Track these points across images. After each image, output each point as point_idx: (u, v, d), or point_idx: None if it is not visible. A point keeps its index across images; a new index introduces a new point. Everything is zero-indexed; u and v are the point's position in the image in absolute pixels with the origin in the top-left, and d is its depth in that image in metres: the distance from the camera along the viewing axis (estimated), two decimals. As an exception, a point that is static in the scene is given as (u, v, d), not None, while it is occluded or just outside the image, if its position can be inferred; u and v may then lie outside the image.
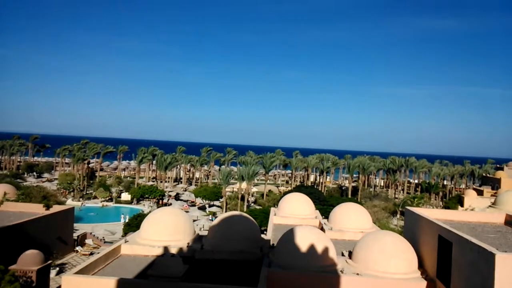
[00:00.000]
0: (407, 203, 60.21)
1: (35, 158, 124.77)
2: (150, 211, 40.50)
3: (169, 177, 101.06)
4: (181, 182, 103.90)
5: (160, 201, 71.17)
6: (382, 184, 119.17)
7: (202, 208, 70.57)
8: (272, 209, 30.95)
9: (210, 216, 62.00)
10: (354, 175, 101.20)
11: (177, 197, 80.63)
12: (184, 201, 77.16)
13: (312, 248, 16.31)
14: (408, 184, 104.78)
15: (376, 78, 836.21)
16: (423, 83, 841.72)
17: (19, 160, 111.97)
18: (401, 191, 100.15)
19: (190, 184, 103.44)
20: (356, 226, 23.73)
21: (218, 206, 70.08)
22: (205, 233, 21.57)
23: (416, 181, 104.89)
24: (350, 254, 17.66)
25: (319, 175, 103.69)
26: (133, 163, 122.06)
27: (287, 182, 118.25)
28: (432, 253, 15.76)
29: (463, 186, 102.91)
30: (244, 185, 71.08)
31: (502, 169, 74.79)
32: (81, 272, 15.43)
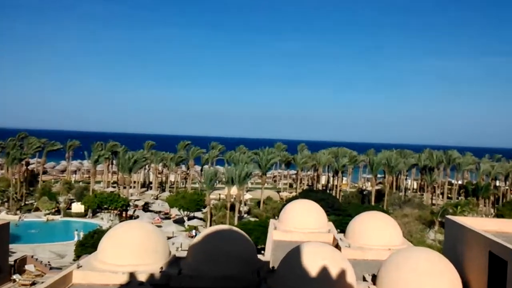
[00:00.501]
0: (448, 211, 60.97)
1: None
2: (110, 227, 41.45)
3: (135, 182, 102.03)
4: (151, 188, 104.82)
5: (124, 213, 71.74)
6: (415, 187, 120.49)
7: (179, 221, 71.12)
8: (272, 221, 31.27)
9: (192, 231, 62.67)
10: (379, 175, 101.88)
11: (146, 208, 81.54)
12: (156, 212, 77.99)
13: (324, 271, 16.39)
14: (449, 187, 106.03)
15: (404, 47, 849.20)
16: (469, 54, 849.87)
17: None
18: (440, 196, 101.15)
19: (163, 190, 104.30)
20: (382, 242, 23.90)
21: (200, 219, 70.71)
22: (184, 254, 21.64)
23: (459, 182, 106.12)
24: (374, 278, 17.85)
25: (333, 176, 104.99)
26: (86, 164, 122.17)
27: (290, 185, 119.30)
28: (481, 274, 15.95)
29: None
30: (234, 190, 71.87)
31: None
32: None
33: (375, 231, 24.05)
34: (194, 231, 62.73)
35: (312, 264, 16.50)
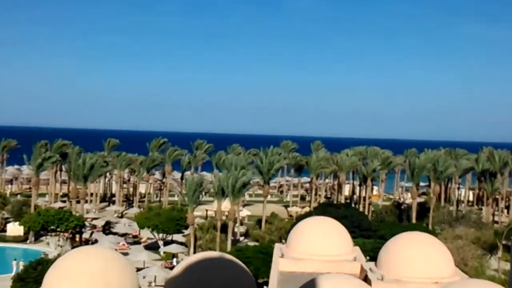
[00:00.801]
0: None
1: None
2: (59, 255, 40.52)
3: (92, 194, 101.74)
4: (114, 203, 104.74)
5: (77, 236, 71.68)
6: (470, 198, 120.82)
7: (153, 247, 71.18)
8: (277, 246, 30.99)
9: (170, 260, 62.52)
10: (422, 183, 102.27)
11: (107, 229, 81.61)
12: (121, 235, 77.92)
13: (349, 313, 16.42)
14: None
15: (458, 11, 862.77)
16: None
17: None
18: (505, 210, 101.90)
19: (130, 205, 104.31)
20: (426, 273, 23.64)
21: (180, 243, 70.84)
22: (159, 291, 21.62)
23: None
24: (417, 322, 17.43)
25: (360, 185, 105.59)
26: (27, 170, 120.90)
27: (302, 198, 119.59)
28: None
29: None
30: (226, 205, 72.44)
31: None
32: None
33: (417, 258, 23.77)
34: (173, 260, 62.53)
35: (332, 303, 16.64)
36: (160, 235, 73.73)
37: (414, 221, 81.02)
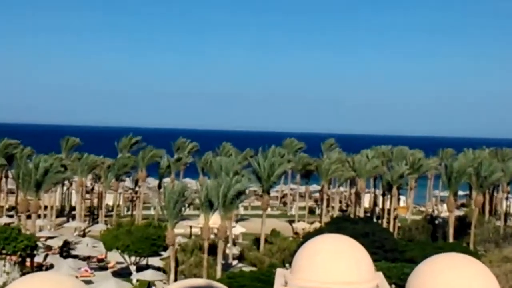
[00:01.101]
0: None
1: None
2: (5, 284, 42.35)
3: (46, 207, 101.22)
4: (74, 218, 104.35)
5: (28, 260, 70.89)
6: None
7: (123, 273, 71.76)
8: (280, 272, 30.46)
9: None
10: (461, 192, 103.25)
11: (66, 251, 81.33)
12: (83, 258, 77.94)
13: None
14: None
15: None
16: None
17: None
18: None
19: (95, 221, 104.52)
20: (469, 305, 24.01)
21: (158, 269, 71.06)
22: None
23: None
24: None
25: (383, 195, 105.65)
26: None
27: (311, 211, 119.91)
28: None
29: None
30: (215, 220, 72.45)
31: None
32: None
33: (455, 286, 23.72)
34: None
35: None
36: (132, 258, 73.43)
37: (451, 239, 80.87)
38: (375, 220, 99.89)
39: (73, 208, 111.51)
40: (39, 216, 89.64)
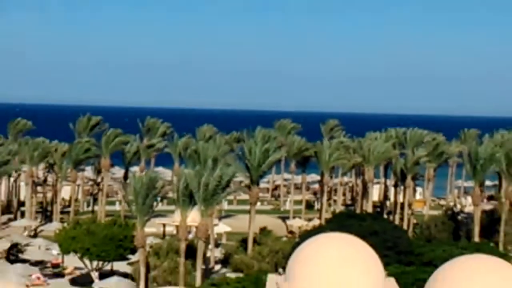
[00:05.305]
0: None
1: None
2: None
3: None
4: (24, 215, 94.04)
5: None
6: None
7: (83, 281, 65.92)
8: (272, 278, 29.63)
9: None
10: (488, 182, 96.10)
11: (13, 254, 74.83)
12: (34, 263, 71.00)
13: None
14: None
15: None
16: None
17: None
18: None
19: (48, 219, 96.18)
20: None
21: (125, 275, 64.59)
22: None
23: None
24: None
25: (395, 186, 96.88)
26: None
27: (309, 205, 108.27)
28: None
29: None
30: (194, 217, 64.39)
31: None
32: None
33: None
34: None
35: None
36: (94, 263, 64.26)
37: (477, 238, 72.94)
38: (385, 216, 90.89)
39: (22, 204, 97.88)
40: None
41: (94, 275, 63.24)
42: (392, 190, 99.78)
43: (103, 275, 62.24)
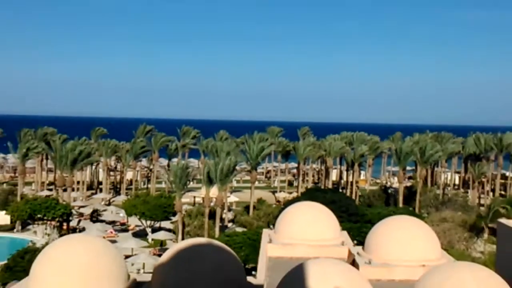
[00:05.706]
0: (500, 213, 60.98)
1: None
2: (46, 243, 41.29)
3: (79, 182, 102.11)
4: (101, 190, 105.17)
5: (65, 224, 71.69)
6: (457, 182, 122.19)
7: (141, 234, 72.02)
8: (265, 232, 30.42)
9: (157, 248, 63.12)
10: (409, 168, 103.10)
11: (95, 217, 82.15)
12: (108, 223, 78.34)
13: (337, 297, 16.30)
14: (503, 181, 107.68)
15: None
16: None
17: None
18: (491, 193, 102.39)
19: (118, 193, 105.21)
20: (413, 256, 23.45)
21: (169, 230, 71.48)
22: (148, 277, 21.61)
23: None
24: (404, 305, 17.37)
25: (347, 170, 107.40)
26: (12, 159, 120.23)
27: (290, 183, 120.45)
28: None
29: None
30: (214, 191, 72.72)
31: None
32: None
33: (404, 242, 23.84)
34: (158, 248, 63.26)
35: None
36: (148, 222, 73.64)
37: (401, 205, 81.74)
38: (341, 190, 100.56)
39: (100, 183, 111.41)
40: (73, 190, 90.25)
41: (148, 230, 72.78)
42: (345, 173, 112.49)
43: (154, 230, 72.26)
